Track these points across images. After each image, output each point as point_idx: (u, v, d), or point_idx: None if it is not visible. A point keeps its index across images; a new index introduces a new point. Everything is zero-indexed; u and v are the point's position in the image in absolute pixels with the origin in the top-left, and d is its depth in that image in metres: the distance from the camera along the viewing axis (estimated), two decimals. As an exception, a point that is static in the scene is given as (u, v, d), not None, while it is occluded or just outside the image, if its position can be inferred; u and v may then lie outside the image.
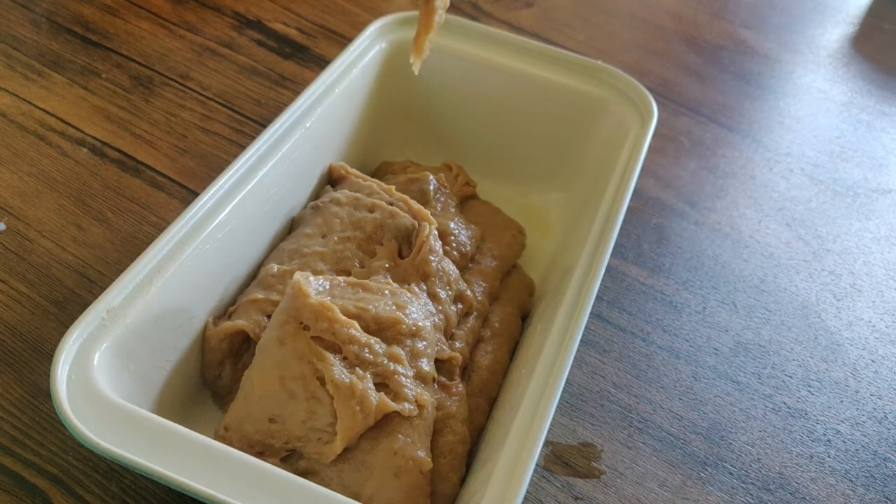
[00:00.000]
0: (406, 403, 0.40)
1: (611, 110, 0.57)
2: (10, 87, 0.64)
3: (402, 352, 0.41)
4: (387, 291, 0.44)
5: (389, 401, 0.39)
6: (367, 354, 0.41)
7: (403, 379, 0.41)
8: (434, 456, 0.41)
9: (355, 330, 0.41)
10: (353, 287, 0.44)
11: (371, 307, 0.43)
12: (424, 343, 0.43)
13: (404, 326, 0.42)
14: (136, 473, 0.42)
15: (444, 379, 0.44)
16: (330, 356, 0.40)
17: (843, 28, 0.94)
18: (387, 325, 0.42)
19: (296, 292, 0.41)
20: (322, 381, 0.40)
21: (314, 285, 0.42)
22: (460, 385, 0.44)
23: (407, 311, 0.43)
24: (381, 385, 0.40)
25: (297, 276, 0.42)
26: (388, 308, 0.43)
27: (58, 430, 0.43)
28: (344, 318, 0.41)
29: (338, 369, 0.40)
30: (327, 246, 0.48)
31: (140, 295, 0.40)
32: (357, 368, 0.40)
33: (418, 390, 0.41)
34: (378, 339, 0.42)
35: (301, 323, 0.41)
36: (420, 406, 0.40)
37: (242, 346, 0.45)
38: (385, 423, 0.40)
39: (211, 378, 0.45)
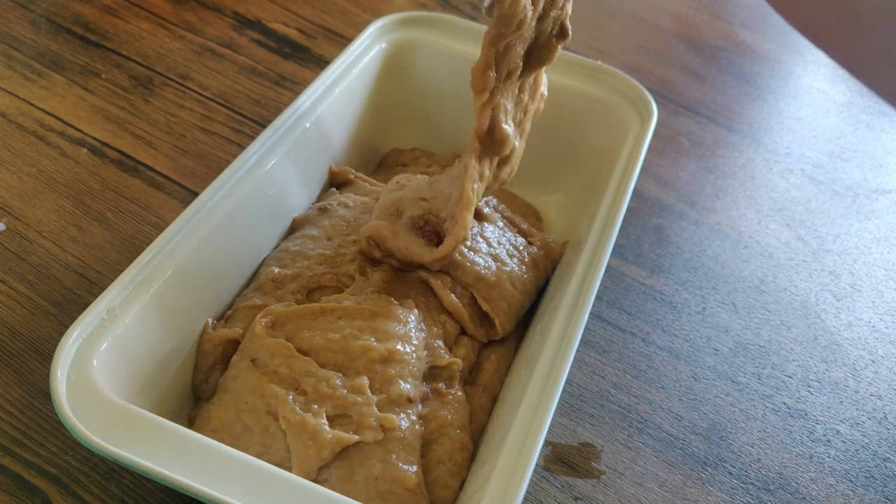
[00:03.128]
0: (369, 432, 0.40)
1: (610, 111, 0.57)
2: (10, 87, 0.64)
3: (365, 381, 0.41)
4: (369, 312, 0.44)
5: (347, 433, 0.39)
6: (324, 387, 0.41)
7: (365, 408, 0.40)
8: (431, 465, 0.41)
9: (312, 365, 0.41)
10: (332, 312, 0.44)
11: (340, 336, 0.43)
12: (400, 366, 0.42)
13: (375, 353, 0.42)
14: (135, 473, 0.42)
15: (442, 386, 0.44)
16: (282, 392, 0.40)
17: (843, 28, 0.94)
18: (356, 353, 0.42)
19: (251, 335, 0.43)
20: (275, 416, 0.40)
21: (280, 318, 0.44)
22: (459, 391, 0.44)
23: (383, 335, 0.43)
24: (342, 416, 0.40)
25: (258, 320, 0.43)
26: (360, 336, 0.43)
27: (57, 430, 0.43)
28: (299, 354, 0.42)
29: (290, 405, 0.40)
30: (332, 249, 0.48)
31: (140, 295, 0.40)
32: (314, 404, 0.40)
33: (385, 414, 0.40)
34: (339, 373, 0.42)
35: (253, 359, 0.42)
36: (387, 429, 0.40)
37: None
38: (355, 452, 0.39)
39: (198, 381, 0.44)
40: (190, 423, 0.42)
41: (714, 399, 0.51)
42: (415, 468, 0.39)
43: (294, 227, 0.52)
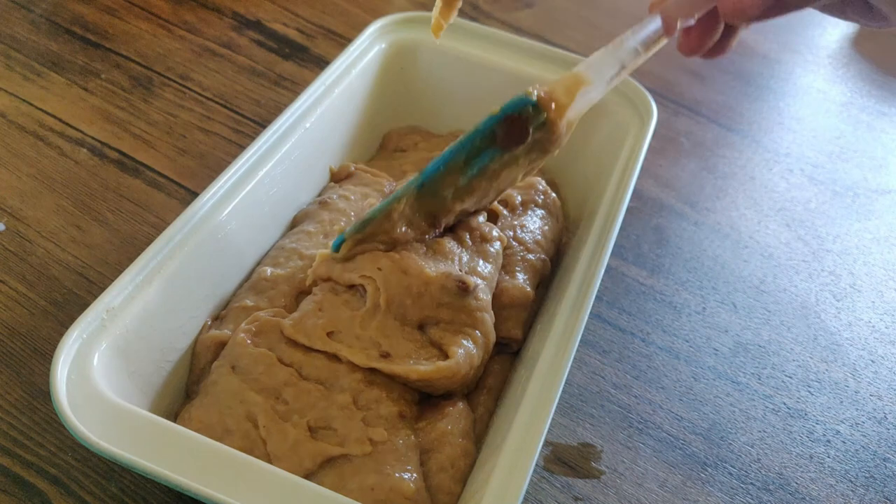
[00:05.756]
0: (356, 444, 0.39)
1: (610, 111, 0.57)
2: (10, 88, 0.64)
3: (349, 397, 0.40)
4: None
5: (331, 444, 0.39)
6: (306, 398, 0.40)
7: (350, 421, 0.40)
8: (433, 472, 0.40)
9: (293, 375, 0.41)
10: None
11: (324, 355, 0.42)
12: (389, 381, 0.42)
13: (359, 374, 0.42)
14: (135, 473, 0.42)
15: (440, 398, 0.44)
16: (262, 400, 0.40)
17: (843, 28, 0.94)
18: (342, 371, 0.42)
19: (233, 343, 0.42)
20: (255, 423, 0.39)
21: (265, 326, 0.43)
22: (460, 402, 0.43)
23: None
24: (325, 428, 0.40)
25: (242, 327, 0.43)
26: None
27: (57, 430, 0.43)
28: (281, 364, 0.41)
29: (270, 413, 0.39)
30: (329, 247, 0.48)
31: (140, 295, 0.40)
32: (295, 414, 0.40)
33: (373, 428, 0.40)
34: (321, 386, 0.41)
35: (233, 366, 0.41)
36: (376, 442, 0.39)
37: None
38: (344, 463, 0.39)
39: (191, 383, 0.44)
40: (172, 419, 0.42)
41: (714, 399, 0.51)
42: (413, 476, 0.39)
43: (295, 223, 0.52)
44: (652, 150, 0.69)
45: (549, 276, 0.52)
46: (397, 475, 0.38)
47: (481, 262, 0.46)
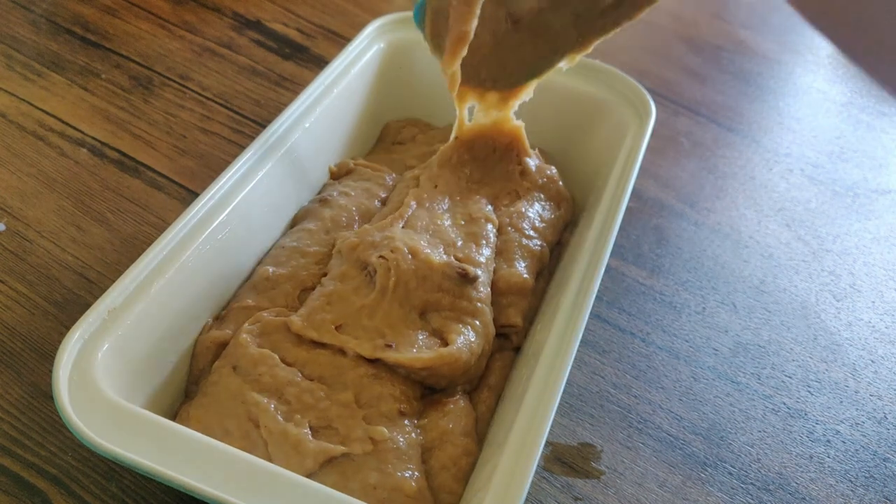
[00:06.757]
0: (358, 443, 0.39)
1: (609, 111, 0.57)
2: (10, 88, 0.64)
3: (351, 396, 0.41)
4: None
5: (333, 444, 0.39)
6: (308, 398, 0.40)
7: (351, 421, 0.40)
8: (434, 471, 0.40)
9: (296, 375, 0.41)
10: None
11: (329, 350, 0.42)
12: (392, 378, 0.42)
13: (363, 369, 0.42)
14: (135, 473, 0.42)
15: (441, 395, 0.43)
16: (263, 400, 0.40)
17: (843, 28, 0.94)
18: (346, 367, 0.42)
19: (235, 343, 0.42)
20: (256, 424, 0.39)
21: (268, 328, 0.43)
22: (461, 400, 0.43)
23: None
24: (326, 428, 0.40)
25: (245, 328, 0.43)
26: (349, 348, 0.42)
27: (57, 430, 0.43)
28: (283, 364, 0.41)
29: (271, 414, 0.39)
30: (328, 245, 0.48)
31: (141, 296, 0.40)
32: (297, 413, 0.40)
33: (374, 427, 0.40)
34: (324, 386, 0.41)
35: (234, 367, 0.41)
36: (378, 441, 0.39)
37: None
38: (346, 462, 0.39)
39: (190, 382, 0.44)
40: (172, 419, 0.42)
41: (714, 399, 0.51)
42: (416, 475, 0.39)
43: (296, 222, 0.52)
44: (652, 150, 0.69)
45: (549, 271, 0.52)
46: (399, 474, 0.39)
47: (476, 246, 0.47)
